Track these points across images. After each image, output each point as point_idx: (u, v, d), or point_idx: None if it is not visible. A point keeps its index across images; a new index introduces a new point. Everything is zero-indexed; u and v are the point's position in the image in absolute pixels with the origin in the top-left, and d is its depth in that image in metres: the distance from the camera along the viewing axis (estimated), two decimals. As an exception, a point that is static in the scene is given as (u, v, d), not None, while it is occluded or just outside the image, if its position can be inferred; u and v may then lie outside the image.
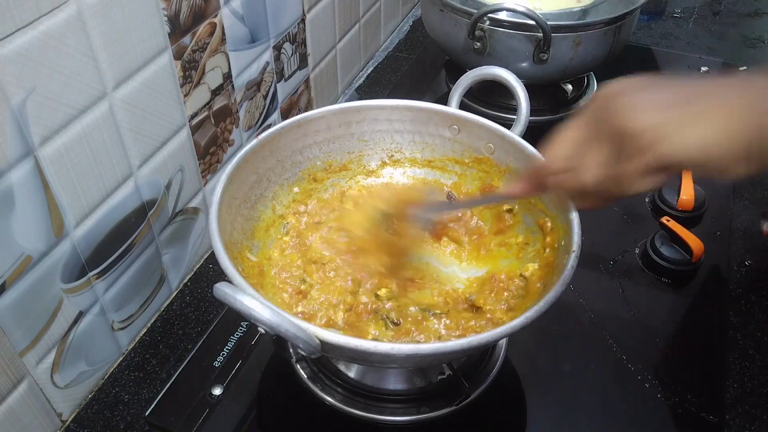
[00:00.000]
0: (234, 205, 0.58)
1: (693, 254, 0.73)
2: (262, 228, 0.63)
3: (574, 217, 0.53)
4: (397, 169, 0.71)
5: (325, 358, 0.61)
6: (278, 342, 0.42)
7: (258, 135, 0.60)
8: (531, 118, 0.65)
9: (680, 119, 0.39)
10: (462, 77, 0.69)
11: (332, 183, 0.69)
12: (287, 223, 0.65)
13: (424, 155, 0.70)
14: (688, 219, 0.79)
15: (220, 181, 0.56)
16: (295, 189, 0.66)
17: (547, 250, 0.57)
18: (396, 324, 0.56)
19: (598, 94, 0.44)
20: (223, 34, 0.69)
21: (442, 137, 0.68)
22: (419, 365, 0.60)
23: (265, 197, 0.63)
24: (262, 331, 0.43)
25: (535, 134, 0.65)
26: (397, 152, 0.70)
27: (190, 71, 0.66)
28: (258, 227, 0.62)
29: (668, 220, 0.77)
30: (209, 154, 0.74)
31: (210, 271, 0.77)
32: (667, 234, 0.76)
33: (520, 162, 0.63)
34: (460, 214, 0.66)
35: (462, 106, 0.68)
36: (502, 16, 0.83)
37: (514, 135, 0.63)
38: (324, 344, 0.43)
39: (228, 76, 0.73)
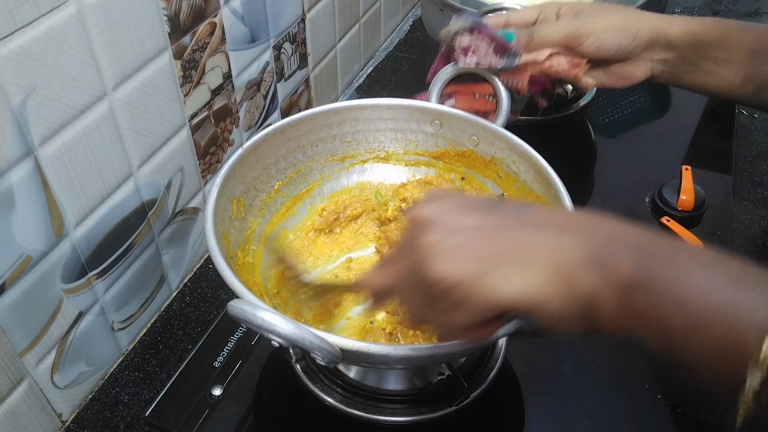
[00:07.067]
0: (226, 218, 0.57)
1: (693, 254, 0.72)
2: (254, 239, 0.62)
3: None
4: (383, 166, 0.71)
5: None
6: (281, 347, 0.42)
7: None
8: (531, 117, 0.65)
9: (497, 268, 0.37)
10: (440, 71, 0.68)
11: (318, 191, 0.69)
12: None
13: (407, 152, 0.70)
14: (688, 219, 0.79)
15: (211, 195, 0.55)
16: (282, 197, 0.66)
17: None
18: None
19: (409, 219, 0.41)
20: (223, 33, 0.69)
21: (425, 133, 0.68)
22: (419, 365, 0.60)
23: (254, 207, 0.63)
24: (276, 345, 0.42)
25: (535, 133, 0.65)
26: (380, 151, 0.70)
27: (190, 71, 0.66)
28: (250, 238, 0.62)
29: (668, 221, 0.77)
30: (209, 153, 0.74)
31: (210, 271, 0.77)
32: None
33: (504, 152, 0.63)
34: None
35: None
36: (503, 16, 0.83)
37: (497, 126, 0.63)
38: (344, 352, 0.43)
39: (228, 76, 0.73)
